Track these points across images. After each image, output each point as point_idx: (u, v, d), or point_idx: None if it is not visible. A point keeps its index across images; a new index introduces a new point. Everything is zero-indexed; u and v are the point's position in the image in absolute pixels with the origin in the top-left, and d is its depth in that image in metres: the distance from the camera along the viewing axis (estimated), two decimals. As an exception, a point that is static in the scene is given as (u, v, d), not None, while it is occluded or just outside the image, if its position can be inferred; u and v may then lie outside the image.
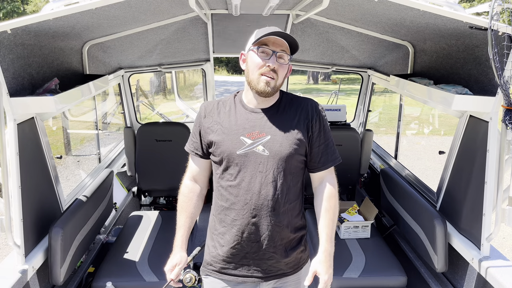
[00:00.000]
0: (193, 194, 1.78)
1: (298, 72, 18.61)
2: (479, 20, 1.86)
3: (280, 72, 1.56)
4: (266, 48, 1.54)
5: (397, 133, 3.94)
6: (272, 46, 1.54)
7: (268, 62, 1.53)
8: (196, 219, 1.80)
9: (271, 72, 1.54)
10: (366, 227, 3.03)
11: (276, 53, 1.54)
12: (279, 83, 1.58)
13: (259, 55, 1.55)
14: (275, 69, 1.54)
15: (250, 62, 1.58)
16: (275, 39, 1.53)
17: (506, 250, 4.49)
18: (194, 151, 1.73)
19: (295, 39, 1.55)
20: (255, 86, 1.57)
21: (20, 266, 2.00)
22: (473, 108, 2.14)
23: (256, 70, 1.55)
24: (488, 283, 2.04)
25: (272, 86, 1.55)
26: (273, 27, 1.57)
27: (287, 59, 1.57)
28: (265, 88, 1.55)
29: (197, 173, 1.78)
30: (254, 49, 1.56)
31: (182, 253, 1.73)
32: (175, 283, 1.71)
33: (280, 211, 1.62)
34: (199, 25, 3.16)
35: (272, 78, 1.54)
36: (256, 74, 1.56)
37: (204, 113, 1.70)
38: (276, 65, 1.54)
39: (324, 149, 1.66)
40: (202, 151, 1.71)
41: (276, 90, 1.59)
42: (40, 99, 2.03)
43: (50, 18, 1.82)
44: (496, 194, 2.05)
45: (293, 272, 1.73)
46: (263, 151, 1.58)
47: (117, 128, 7.04)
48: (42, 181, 2.31)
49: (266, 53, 1.54)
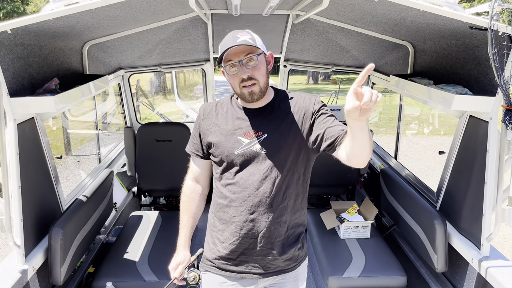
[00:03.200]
0: (195, 194, 1.81)
1: (298, 72, 18.62)
2: (479, 20, 1.86)
3: (257, 74, 1.54)
4: (231, 62, 1.53)
5: (397, 133, 3.94)
6: (236, 58, 1.52)
7: (240, 74, 1.53)
8: (198, 219, 1.83)
9: (249, 81, 1.54)
10: (366, 227, 3.03)
11: (242, 61, 1.52)
12: (263, 83, 1.57)
13: (229, 73, 1.56)
14: (250, 76, 1.53)
15: (229, 80, 1.60)
16: (235, 50, 1.50)
17: (506, 250, 4.49)
18: (195, 152, 1.76)
19: (250, 36, 1.53)
20: (243, 98, 1.60)
21: (20, 266, 2.00)
22: (473, 108, 2.14)
23: (236, 86, 1.57)
24: (488, 283, 2.04)
25: (257, 91, 1.56)
26: (229, 37, 1.53)
27: (256, 58, 1.54)
28: (251, 97, 1.56)
29: (199, 173, 1.80)
30: (223, 69, 1.58)
31: (185, 252, 1.77)
32: (178, 281, 1.75)
33: (278, 207, 1.63)
34: (199, 25, 3.16)
35: (253, 84, 1.55)
36: (238, 89, 1.58)
37: (203, 115, 1.72)
38: (249, 71, 1.53)
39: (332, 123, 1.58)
40: (203, 152, 1.74)
41: (264, 90, 1.58)
42: (40, 99, 2.03)
43: (50, 18, 1.82)
44: (496, 194, 2.05)
45: (291, 269, 1.74)
46: (261, 149, 1.59)
47: (117, 128, 7.04)
48: (42, 181, 2.31)
49: (234, 66, 1.54)
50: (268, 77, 1.61)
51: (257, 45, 1.52)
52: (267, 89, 1.62)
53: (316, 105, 1.64)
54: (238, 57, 1.52)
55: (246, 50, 1.52)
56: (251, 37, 1.54)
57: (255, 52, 1.53)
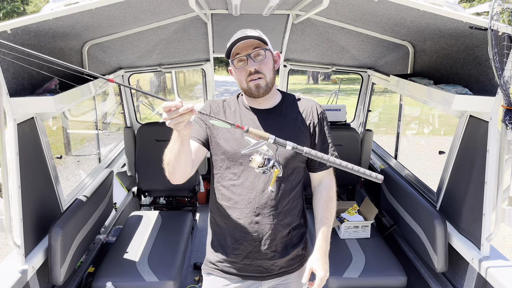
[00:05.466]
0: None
1: (298, 72, 18.61)
2: (479, 20, 1.86)
3: (264, 68, 1.56)
4: (239, 56, 1.55)
5: (397, 133, 3.94)
6: (244, 51, 1.55)
7: (248, 67, 1.55)
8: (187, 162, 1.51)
9: (256, 74, 1.55)
10: (366, 227, 3.03)
11: (250, 55, 1.54)
12: (269, 78, 1.59)
13: (237, 66, 1.57)
14: (257, 69, 1.55)
15: (236, 76, 1.62)
16: (243, 44, 1.53)
17: (506, 250, 4.49)
18: (196, 137, 1.63)
19: (259, 33, 1.56)
20: (249, 93, 1.60)
21: (20, 266, 2.00)
22: (473, 108, 2.14)
23: (243, 80, 1.58)
24: (488, 283, 2.04)
25: (264, 85, 1.57)
26: (238, 33, 1.56)
27: (264, 52, 1.56)
28: (258, 90, 1.57)
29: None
30: (231, 63, 1.60)
31: None
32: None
33: (282, 210, 1.63)
34: (199, 25, 3.16)
35: (260, 78, 1.56)
36: (245, 83, 1.58)
37: (210, 109, 1.70)
38: (256, 65, 1.55)
39: (324, 150, 1.67)
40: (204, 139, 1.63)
41: (270, 86, 1.60)
42: (40, 99, 2.03)
43: (50, 18, 1.82)
44: (496, 194, 2.05)
45: (294, 270, 1.74)
46: (267, 151, 1.59)
47: (117, 128, 7.04)
48: (42, 181, 2.31)
49: (242, 61, 1.56)
50: (275, 74, 1.62)
51: (265, 41, 1.55)
52: (273, 85, 1.63)
53: (321, 116, 1.69)
54: (246, 51, 1.54)
55: (254, 44, 1.54)
56: (260, 34, 1.57)
57: (262, 47, 1.56)
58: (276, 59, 1.65)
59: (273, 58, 1.62)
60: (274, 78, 1.63)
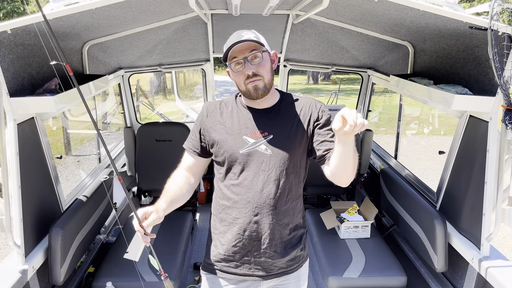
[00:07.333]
0: (186, 179, 1.71)
1: (298, 72, 18.62)
2: (479, 20, 1.86)
3: (261, 71, 1.56)
4: (236, 60, 1.55)
5: (397, 133, 3.94)
6: (241, 55, 1.54)
7: (246, 70, 1.54)
8: (177, 204, 1.67)
9: (254, 77, 1.55)
10: (366, 227, 3.03)
11: (247, 58, 1.53)
12: (267, 80, 1.58)
13: (234, 70, 1.57)
14: (254, 72, 1.54)
15: (234, 79, 1.61)
16: (240, 47, 1.52)
17: (506, 250, 4.49)
18: (192, 148, 1.72)
19: (255, 34, 1.56)
20: (248, 95, 1.59)
21: (20, 266, 2.00)
22: (473, 108, 2.14)
23: (241, 83, 1.58)
24: (488, 283, 2.04)
25: (262, 86, 1.56)
26: (234, 36, 1.56)
27: (261, 54, 1.55)
28: (256, 92, 1.56)
29: (190, 167, 1.74)
30: (229, 67, 1.59)
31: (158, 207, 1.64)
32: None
33: (281, 209, 1.63)
34: (199, 25, 3.16)
35: (258, 80, 1.55)
36: (243, 86, 1.58)
37: (207, 112, 1.70)
38: (254, 68, 1.54)
39: (331, 138, 1.61)
40: (200, 149, 1.71)
41: (268, 87, 1.59)
42: (40, 99, 2.03)
43: (50, 18, 1.82)
44: (496, 194, 2.05)
45: (293, 270, 1.74)
46: (266, 150, 1.59)
47: (117, 128, 7.04)
48: (42, 181, 2.31)
49: (239, 64, 1.55)
50: (273, 75, 1.62)
51: (261, 43, 1.54)
52: (271, 86, 1.63)
53: (321, 113, 1.66)
54: (243, 54, 1.53)
55: (250, 47, 1.53)
56: (256, 35, 1.56)
57: (259, 49, 1.55)
58: (273, 58, 1.64)
59: (271, 59, 1.62)
60: (272, 79, 1.62)
